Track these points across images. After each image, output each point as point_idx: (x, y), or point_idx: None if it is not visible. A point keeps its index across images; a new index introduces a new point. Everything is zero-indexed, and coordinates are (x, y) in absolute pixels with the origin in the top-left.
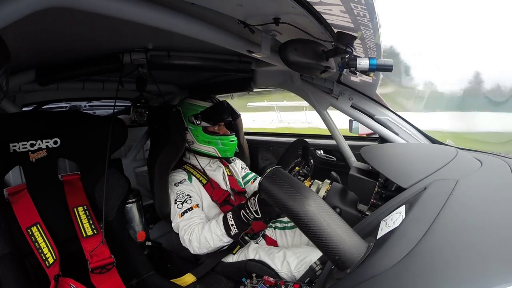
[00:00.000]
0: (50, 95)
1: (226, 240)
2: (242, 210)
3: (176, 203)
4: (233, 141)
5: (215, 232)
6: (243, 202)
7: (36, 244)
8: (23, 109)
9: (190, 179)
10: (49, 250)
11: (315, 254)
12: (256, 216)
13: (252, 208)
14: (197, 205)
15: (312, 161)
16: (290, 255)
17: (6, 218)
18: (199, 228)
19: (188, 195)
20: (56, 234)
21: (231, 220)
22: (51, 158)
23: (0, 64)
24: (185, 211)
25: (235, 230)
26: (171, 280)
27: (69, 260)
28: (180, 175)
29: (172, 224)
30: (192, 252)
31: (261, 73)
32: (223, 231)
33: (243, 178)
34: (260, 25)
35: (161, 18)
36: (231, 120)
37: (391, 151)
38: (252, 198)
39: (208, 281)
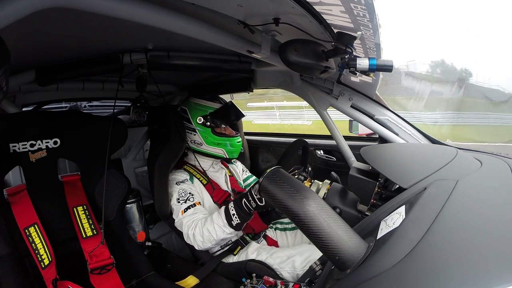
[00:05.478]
0: (50, 95)
1: (228, 231)
2: (244, 199)
3: (179, 202)
4: (239, 142)
5: (217, 223)
6: (245, 191)
7: (33, 244)
8: (23, 109)
9: (191, 179)
10: (45, 251)
11: (319, 253)
12: (260, 204)
13: (256, 196)
14: (199, 203)
15: (310, 167)
16: (294, 253)
17: (6, 218)
18: (202, 222)
19: (190, 193)
20: (56, 234)
21: (232, 210)
22: (51, 158)
23: (0, 64)
24: (188, 207)
25: (237, 220)
26: (175, 283)
27: (68, 261)
28: (182, 175)
29: (175, 221)
30: (196, 248)
31: (261, 73)
32: (225, 221)
33: (244, 180)
34: (260, 25)
35: (161, 18)
36: (234, 120)
37: (391, 151)
38: (256, 185)
39: (211, 282)
